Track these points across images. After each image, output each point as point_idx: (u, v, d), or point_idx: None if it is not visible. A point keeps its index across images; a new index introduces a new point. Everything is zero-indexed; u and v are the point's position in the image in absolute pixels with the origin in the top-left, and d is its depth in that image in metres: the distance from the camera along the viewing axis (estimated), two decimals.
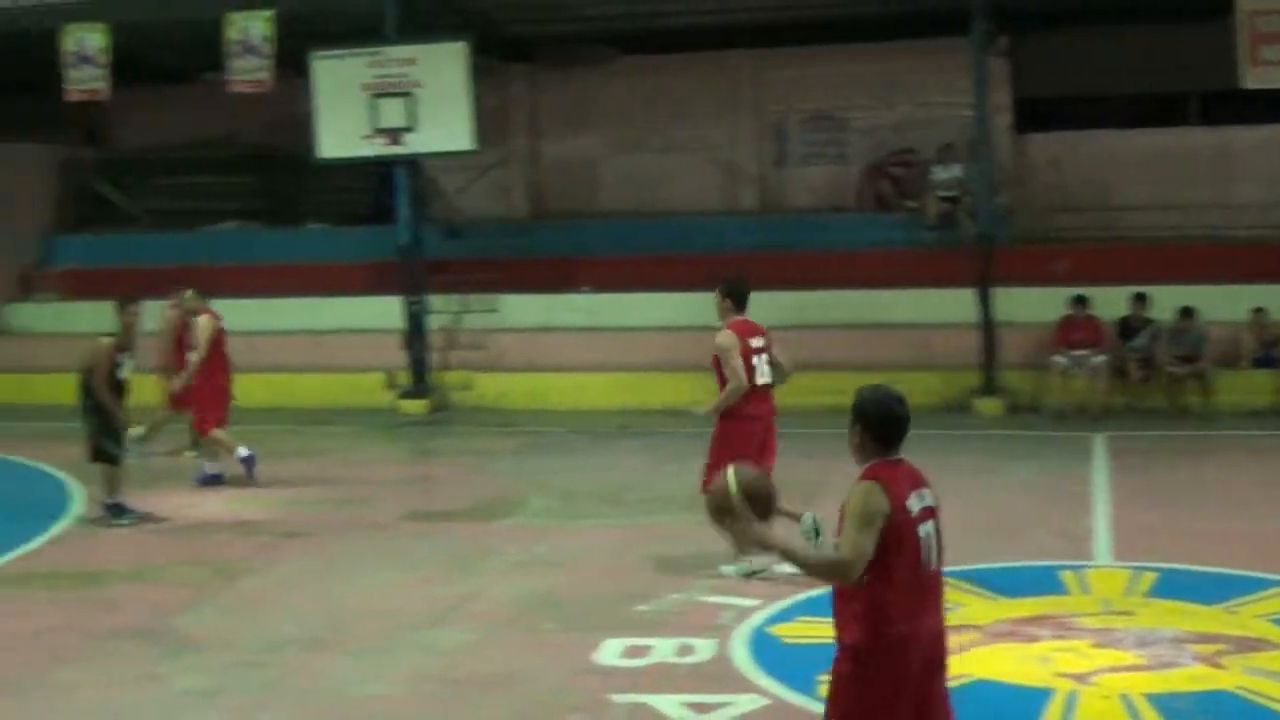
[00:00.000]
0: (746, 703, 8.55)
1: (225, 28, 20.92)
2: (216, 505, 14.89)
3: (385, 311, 21.59)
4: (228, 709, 8.82)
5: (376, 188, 24.24)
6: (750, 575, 11.15)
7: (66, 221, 26.44)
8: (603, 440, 18.35)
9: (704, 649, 9.54)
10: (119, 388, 13.98)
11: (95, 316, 22.32)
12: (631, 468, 16.29)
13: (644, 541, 12.62)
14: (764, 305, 21.04)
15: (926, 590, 5.86)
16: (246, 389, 17.29)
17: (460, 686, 9.08)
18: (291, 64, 21.26)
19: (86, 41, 21.59)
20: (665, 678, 9.02)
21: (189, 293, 16.67)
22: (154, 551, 13.01)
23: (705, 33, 23.31)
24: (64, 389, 15.90)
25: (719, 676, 9.04)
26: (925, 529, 5.86)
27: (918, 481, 5.92)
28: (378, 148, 20.72)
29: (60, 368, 21.49)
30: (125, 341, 14.10)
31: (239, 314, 22.54)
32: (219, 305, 17.87)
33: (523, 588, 11.38)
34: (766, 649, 9.52)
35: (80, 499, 15.25)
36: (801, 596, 10.41)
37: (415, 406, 20.96)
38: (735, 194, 24.65)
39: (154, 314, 18.47)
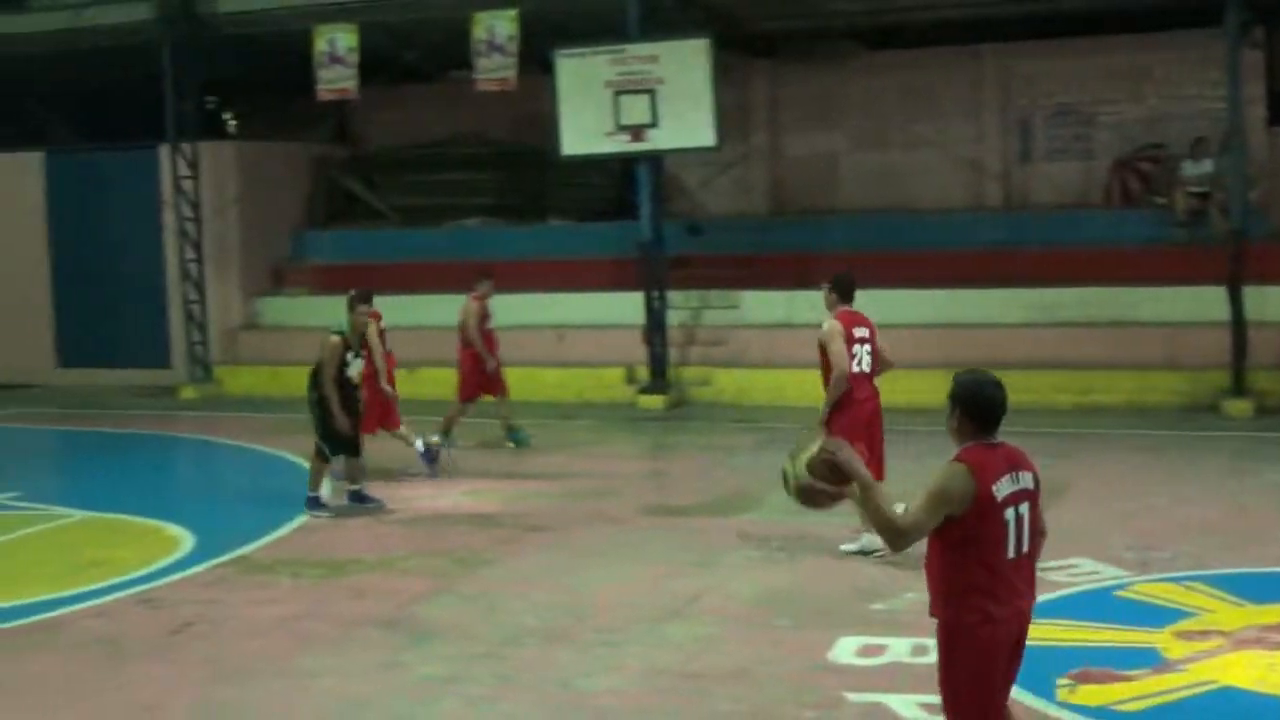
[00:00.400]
0: None
1: (472, 27, 21.24)
2: (457, 497, 15.09)
3: (626, 307, 21.71)
4: (466, 698, 8.91)
5: (619, 184, 24.40)
6: (868, 554, 11.62)
7: (317, 218, 27.10)
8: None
9: None
10: (347, 385, 14.20)
11: (343, 311, 22.98)
12: None
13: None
14: (1006, 303, 20.80)
15: (1011, 571, 6.04)
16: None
17: (694, 681, 9.04)
18: (536, 62, 21.51)
19: (337, 42, 22.12)
20: (900, 677, 8.87)
21: (486, 283, 17.31)
22: (397, 542, 13.23)
23: (948, 27, 22.99)
24: (293, 381, 16.34)
25: None
26: (1014, 511, 6.02)
27: (1016, 464, 6.12)
28: (620, 144, 20.84)
29: (309, 360, 22.12)
30: (355, 339, 14.33)
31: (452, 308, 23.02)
32: (461, 300, 18.12)
33: (758, 584, 11.31)
34: None
35: (326, 489, 15.57)
36: (1043, 598, 10.16)
37: (654, 402, 21.02)
38: (979, 190, 24.25)
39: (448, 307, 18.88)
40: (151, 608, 11.27)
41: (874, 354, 11.92)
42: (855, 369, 11.75)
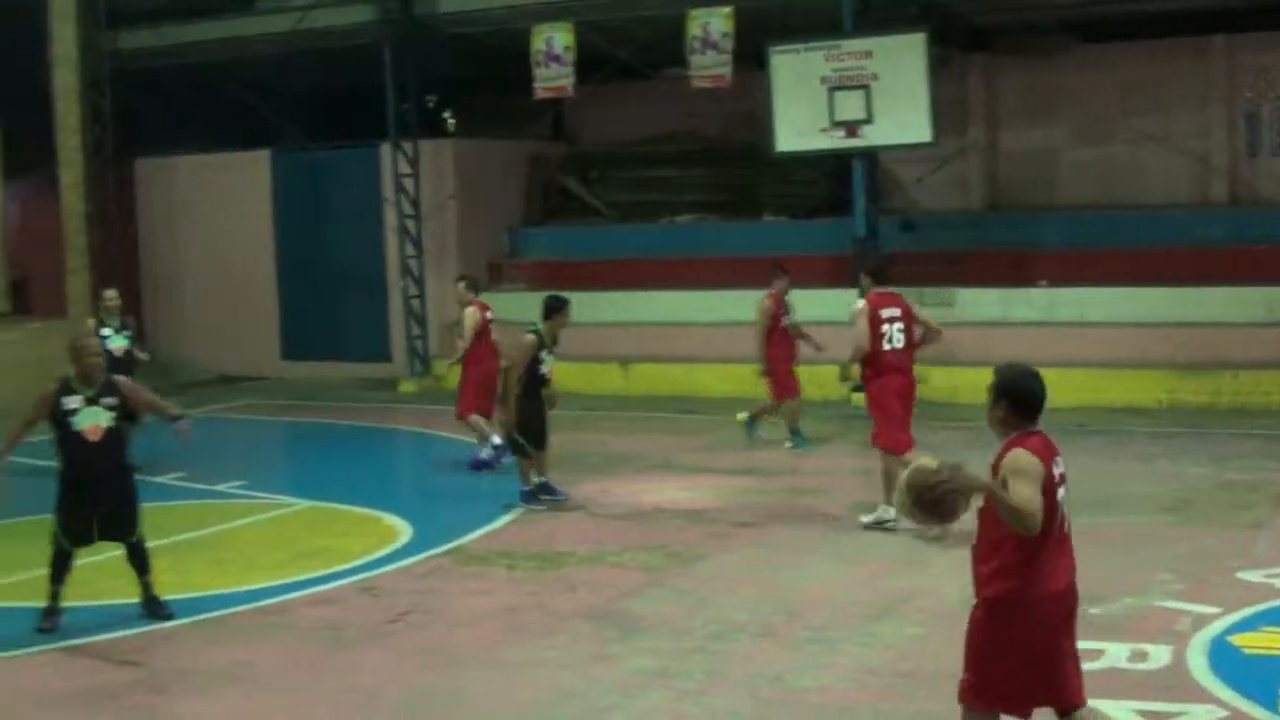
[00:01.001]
0: (1203, 714, 8.19)
1: (687, 24, 21.33)
2: (672, 492, 15.17)
3: (842, 304, 21.54)
4: (675, 691, 8.97)
5: (832, 180, 24.29)
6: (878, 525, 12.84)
7: (533, 214, 27.44)
8: (1058, 437, 17.85)
9: (1158, 656, 9.19)
10: (540, 382, 14.37)
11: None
12: (1089, 466, 15.78)
13: (1099, 542, 12.19)
14: (1232, 302, 20.24)
15: (1064, 550, 6.54)
16: (703, 380, 17.61)
17: (904, 680, 9.00)
18: (750, 59, 21.52)
19: (554, 41, 22.39)
20: (1117, 683, 8.71)
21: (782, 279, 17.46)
22: (610, 535, 13.35)
23: (1169, 18, 22.48)
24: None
25: (1174, 685, 8.68)
26: (1062, 493, 6.50)
27: (1055, 450, 6.59)
28: (835, 141, 20.77)
29: None
30: (550, 339, 14.49)
31: (697, 305, 23.10)
32: (676, 296, 18.32)
33: (970, 584, 11.18)
34: (1226, 659, 9.09)
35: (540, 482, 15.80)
36: (1266, 605, 9.92)
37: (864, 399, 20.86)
38: (1204, 185, 23.66)
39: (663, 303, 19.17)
40: (371, 596, 11.55)
41: (908, 331, 13.25)
42: (886, 346, 13.11)
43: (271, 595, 11.63)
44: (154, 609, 11.05)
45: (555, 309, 14.54)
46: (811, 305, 21.92)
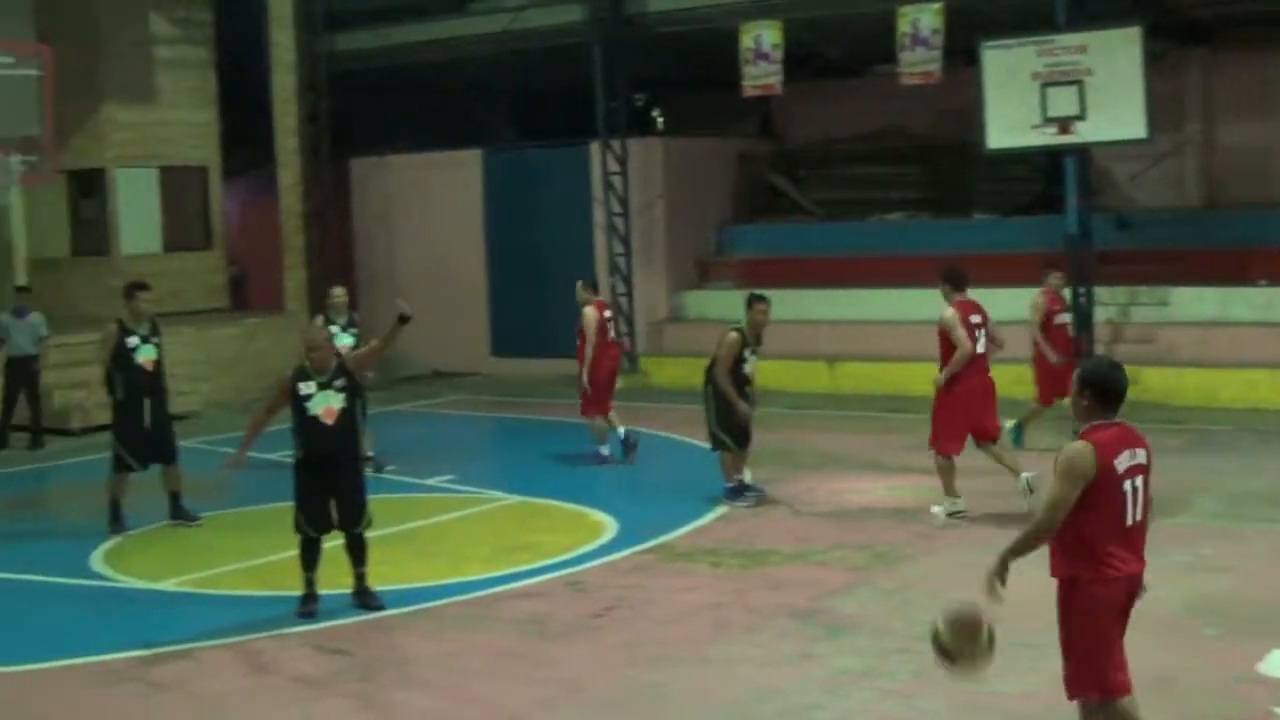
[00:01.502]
0: None
1: (896, 21, 21.16)
2: (878, 492, 15.07)
3: None
4: (879, 691, 8.92)
5: (1045, 177, 23.90)
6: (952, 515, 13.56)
7: (741, 212, 27.42)
8: (1275, 440, 17.43)
9: None
10: (743, 380, 14.40)
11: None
12: None
13: None
14: None
15: (1126, 537, 6.89)
16: (912, 379, 17.37)
17: None
18: (960, 55, 21.27)
19: (763, 38, 22.36)
20: None
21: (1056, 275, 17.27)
22: (816, 534, 13.30)
23: None
24: None
25: None
26: (1130, 484, 6.84)
27: (1132, 441, 6.95)
28: (1047, 137, 20.40)
29: None
30: (753, 338, 14.50)
31: (905, 303, 22.89)
32: (884, 294, 18.12)
33: (1187, 589, 10.93)
34: None
35: (745, 479, 15.78)
36: None
37: None
38: None
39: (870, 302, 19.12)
40: (577, 591, 11.65)
41: (987, 335, 13.92)
42: (975, 350, 13.74)
43: (479, 588, 11.80)
44: (366, 600, 11.29)
45: (751, 305, 14.60)
46: (1023, 304, 21.55)
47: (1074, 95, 19.96)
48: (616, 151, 24.87)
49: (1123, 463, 6.86)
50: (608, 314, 17.41)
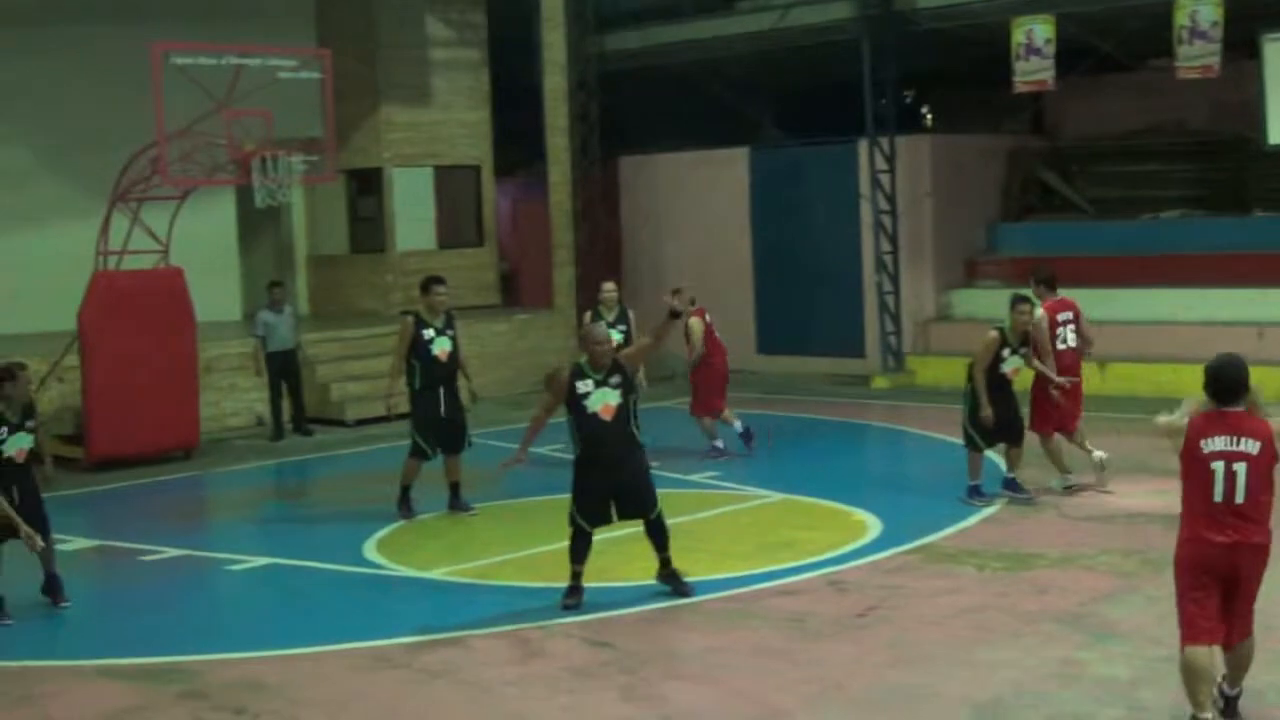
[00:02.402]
0: None
1: (1174, 13, 20.61)
2: (1147, 496, 14.69)
3: None
4: (1142, 702, 8.72)
5: None
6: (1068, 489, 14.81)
7: (1011, 210, 26.99)
8: None
9: None
10: (1001, 379, 14.44)
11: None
12: None
13: None
14: None
15: (1214, 520, 8.02)
16: (1187, 381, 16.89)
17: None
18: (1240, 47, 20.63)
19: (1035, 33, 21.97)
20: None
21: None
22: (1085, 538, 13.06)
23: None
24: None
25: None
26: (1218, 466, 7.96)
27: (1240, 429, 7.99)
28: None
29: None
30: (1013, 337, 14.46)
31: (1181, 303, 22.31)
32: (1159, 293, 17.63)
33: None
34: None
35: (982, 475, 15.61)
36: None
37: None
38: None
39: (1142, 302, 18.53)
40: (838, 589, 11.63)
41: (1079, 333, 15.27)
42: (1060, 346, 15.02)
43: (741, 585, 11.85)
44: (675, 585, 11.46)
45: (1014, 306, 14.62)
46: None
47: None
48: (884, 149, 24.68)
49: (1212, 445, 8.02)
50: (709, 319, 18.27)
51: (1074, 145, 27.15)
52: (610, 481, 11.29)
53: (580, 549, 11.37)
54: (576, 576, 11.37)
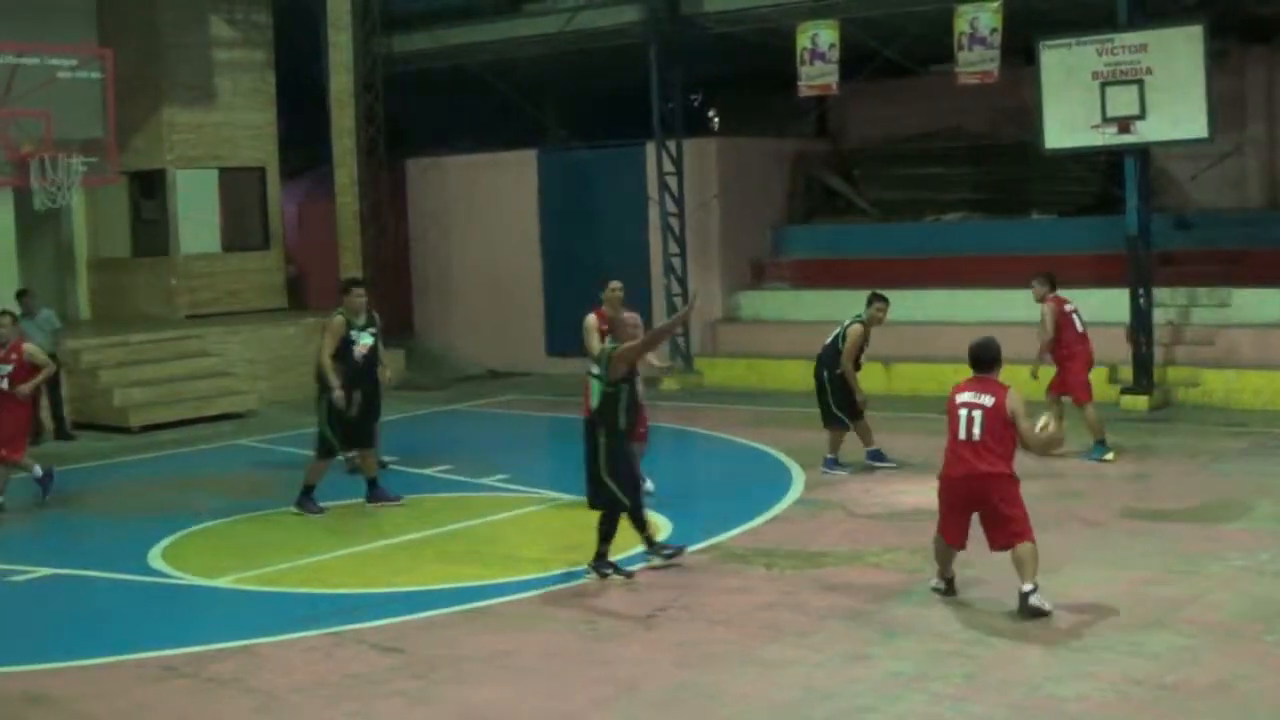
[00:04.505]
0: None
1: (954, 19, 21.06)
2: (932, 494, 14.93)
3: (1110, 304, 21.03)
4: (932, 695, 8.87)
5: (1103, 177, 23.73)
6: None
7: (796, 212, 27.36)
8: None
9: None
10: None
11: (821, 305, 23.15)
12: None
13: None
14: None
15: (958, 448, 10.82)
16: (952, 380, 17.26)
17: (1170, 693, 8.74)
18: (1019, 53, 21.16)
19: (819, 38, 22.29)
20: None
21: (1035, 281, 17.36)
22: (870, 536, 13.26)
23: None
24: (790, 374, 16.67)
25: None
26: (965, 413, 10.81)
27: (982, 389, 10.85)
28: (1107, 137, 20.22)
29: (786, 354, 22.39)
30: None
31: (962, 304, 22.80)
32: (941, 295, 18.07)
33: (1245, 595, 10.85)
34: None
35: (799, 481, 15.79)
36: None
37: (1138, 402, 20.32)
38: None
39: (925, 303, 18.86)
40: (629, 591, 11.66)
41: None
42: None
43: (531, 588, 11.82)
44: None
45: (871, 303, 16.48)
46: (1081, 305, 21.50)
47: (1134, 94, 19.80)
48: (671, 152, 24.83)
49: (961, 397, 10.84)
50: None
51: (857, 149, 27.62)
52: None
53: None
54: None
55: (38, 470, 15.89)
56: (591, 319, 15.09)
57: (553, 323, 26.89)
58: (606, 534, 12.03)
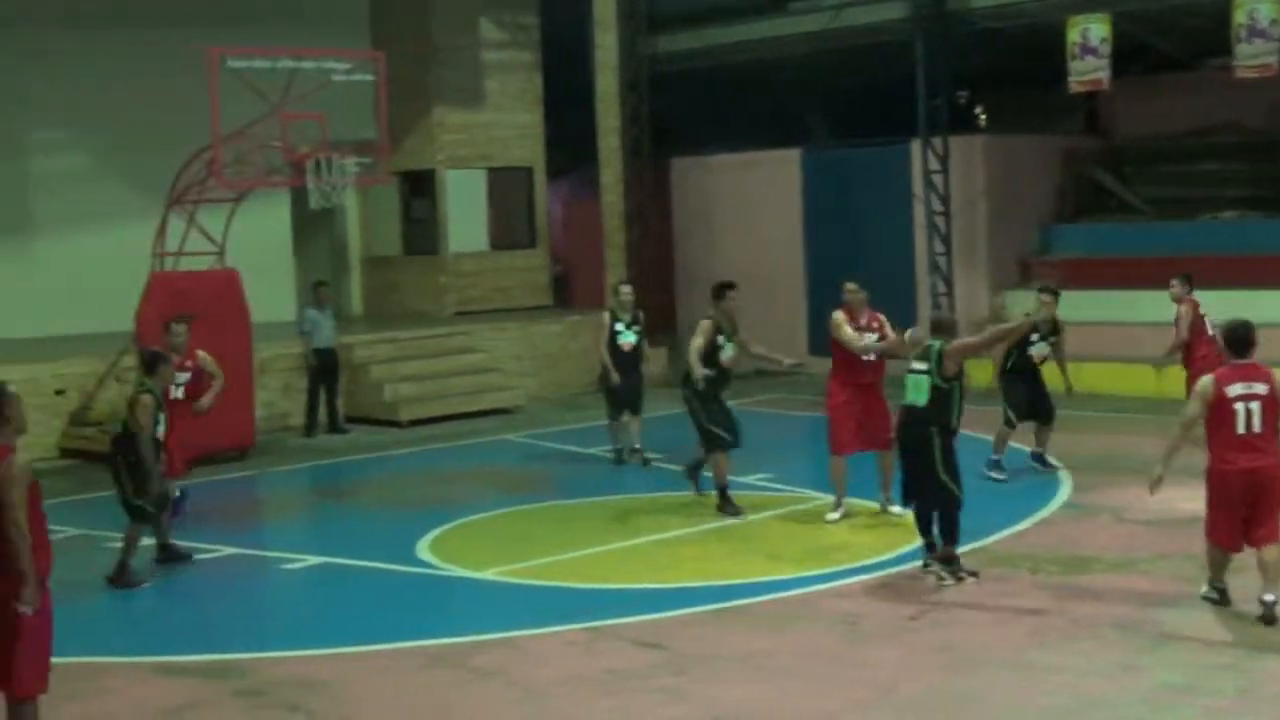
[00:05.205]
0: None
1: (1232, 11, 20.44)
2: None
3: None
4: (1203, 709, 8.64)
5: None
6: None
7: (1065, 210, 26.83)
8: None
9: None
10: (1029, 364, 16.30)
11: (1090, 305, 22.66)
12: None
13: None
14: None
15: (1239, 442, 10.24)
16: None
17: None
18: None
19: (1090, 32, 21.83)
20: None
21: (1175, 281, 17.32)
22: (1142, 542, 12.96)
23: None
24: (1058, 375, 16.37)
25: None
26: (1239, 408, 10.22)
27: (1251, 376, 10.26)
28: None
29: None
30: (1043, 326, 16.33)
31: (1239, 305, 22.06)
32: (1217, 295, 17.59)
33: None
34: None
35: (1067, 484, 15.49)
36: None
37: None
38: None
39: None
40: (890, 593, 11.57)
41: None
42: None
43: (793, 587, 11.81)
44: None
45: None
46: None
47: None
48: (937, 149, 24.56)
49: (1234, 390, 10.18)
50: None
51: (1130, 145, 26.95)
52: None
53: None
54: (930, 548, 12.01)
55: (177, 490, 15.44)
56: (839, 314, 14.96)
57: (816, 322, 26.71)
58: (951, 532, 11.82)
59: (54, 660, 8.15)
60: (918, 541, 12.28)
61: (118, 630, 11.93)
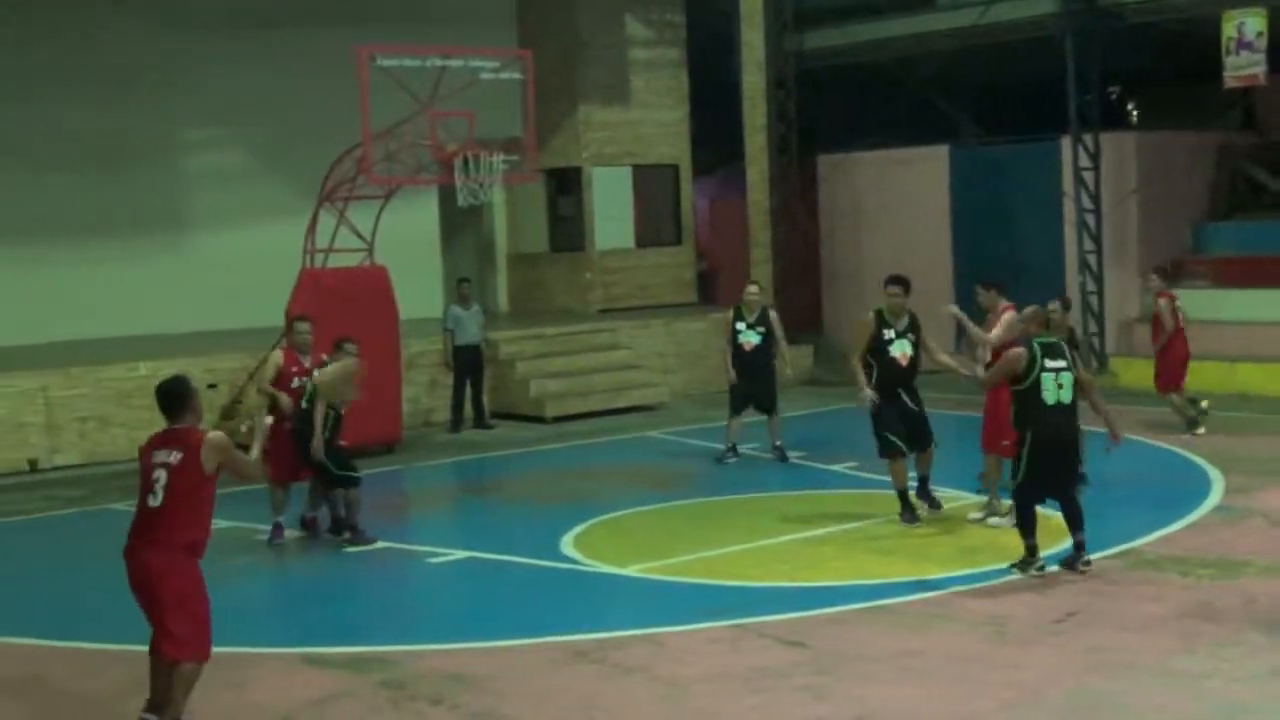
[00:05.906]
0: None
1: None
2: None
3: None
4: None
5: None
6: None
7: (1219, 208, 26.35)
8: None
9: None
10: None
11: (1244, 305, 22.26)
12: None
13: None
14: None
15: None
16: None
17: None
18: None
19: (1246, 26, 21.43)
20: None
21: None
22: None
23: None
24: (1210, 376, 16.11)
25: None
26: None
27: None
28: None
29: (1207, 354, 21.53)
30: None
31: None
32: None
33: None
34: None
35: (1219, 487, 15.22)
36: None
37: None
38: None
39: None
40: (1038, 593, 11.45)
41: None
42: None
43: (938, 587, 11.73)
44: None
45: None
46: None
47: None
48: (1088, 146, 24.24)
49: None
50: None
51: None
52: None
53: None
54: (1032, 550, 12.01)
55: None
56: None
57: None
58: (1081, 521, 12.13)
59: None
60: (1065, 542, 12.15)
61: (266, 621, 12.16)
